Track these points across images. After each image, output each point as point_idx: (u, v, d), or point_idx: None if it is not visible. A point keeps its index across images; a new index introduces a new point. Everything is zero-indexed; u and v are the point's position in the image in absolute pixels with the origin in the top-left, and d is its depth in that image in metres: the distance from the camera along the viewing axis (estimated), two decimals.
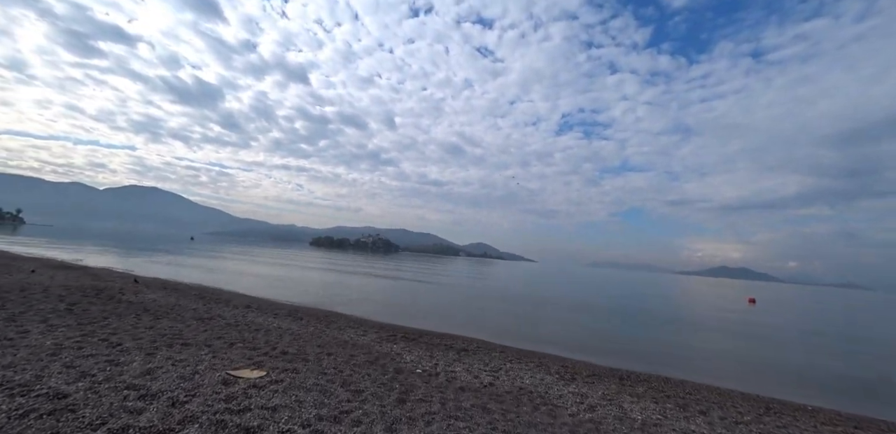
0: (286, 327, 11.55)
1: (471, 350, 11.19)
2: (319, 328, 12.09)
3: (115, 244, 58.48)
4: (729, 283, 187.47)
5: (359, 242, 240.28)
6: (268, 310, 14.51)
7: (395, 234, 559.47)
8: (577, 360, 11.73)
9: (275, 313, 13.91)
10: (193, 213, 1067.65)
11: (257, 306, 15.10)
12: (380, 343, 10.82)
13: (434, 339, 12.33)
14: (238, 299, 16.50)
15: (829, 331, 26.34)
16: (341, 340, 10.55)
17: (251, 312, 13.51)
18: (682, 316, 28.20)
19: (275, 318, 13.05)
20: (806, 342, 20.34)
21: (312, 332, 11.20)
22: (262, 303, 16.42)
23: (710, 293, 65.86)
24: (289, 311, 15.02)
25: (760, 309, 39.74)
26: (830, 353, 17.76)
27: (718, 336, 19.82)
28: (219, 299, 15.74)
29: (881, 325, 33.47)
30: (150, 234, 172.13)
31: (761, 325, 26.65)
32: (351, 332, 12.06)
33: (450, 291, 31.48)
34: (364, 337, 11.43)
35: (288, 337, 10.11)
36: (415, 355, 9.74)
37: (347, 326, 12.94)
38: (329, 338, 10.68)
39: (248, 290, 20.65)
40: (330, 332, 11.53)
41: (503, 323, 18.09)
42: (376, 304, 20.51)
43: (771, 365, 14.09)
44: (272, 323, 11.97)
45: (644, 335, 18.39)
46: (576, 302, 32.01)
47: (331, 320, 13.93)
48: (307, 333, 10.95)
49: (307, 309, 16.35)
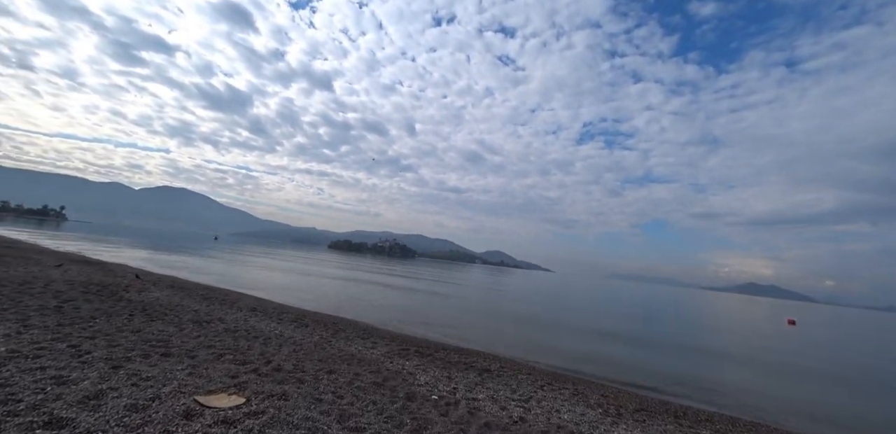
0: (288, 335, 10.43)
1: (494, 371, 9.74)
2: (325, 337, 10.92)
3: (142, 241, 59.97)
4: (760, 301, 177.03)
5: (376, 247, 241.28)
6: (273, 314, 13.50)
7: (412, 239, 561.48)
8: (616, 387, 10.08)
9: (279, 318, 12.86)
10: (219, 214, 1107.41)
11: (263, 309, 14.12)
12: (390, 358, 9.52)
13: (451, 355, 10.94)
14: (245, 301, 15.61)
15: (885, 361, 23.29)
16: (347, 354, 9.32)
17: (254, 316, 12.51)
18: (720, 337, 25.67)
19: (278, 323, 11.98)
20: (865, 376, 17.75)
21: (316, 343, 10.03)
22: (270, 306, 15.46)
23: (743, 311, 61.52)
24: (295, 316, 13.97)
25: (802, 332, 36.27)
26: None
27: (766, 362, 17.51)
28: (225, 300, 14.88)
29: None
30: (177, 233, 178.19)
31: (810, 354, 23.86)
32: (359, 343, 10.82)
33: (467, 301, 29.97)
34: (373, 350, 10.17)
35: (287, 348, 8.96)
36: (430, 376, 8.39)
37: (356, 336, 11.73)
38: (334, 350, 9.48)
39: (259, 292, 19.86)
40: (336, 343, 10.33)
41: (526, 337, 16.49)
42: (389, 311, 19.29)
43: (835, 405, 11.96)
44: (274, 329, 10.89)
45: (682, 358, 16.36)
46: (602, 317, 29.88)
47: (339, 328, 12.76)
48: (310, 344, 9.79)
49: (315, 314, 15.27)
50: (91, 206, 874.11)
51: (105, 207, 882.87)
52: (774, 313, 64.63)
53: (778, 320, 46.82)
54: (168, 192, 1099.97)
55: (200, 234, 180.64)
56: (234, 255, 48.57)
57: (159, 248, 46.30)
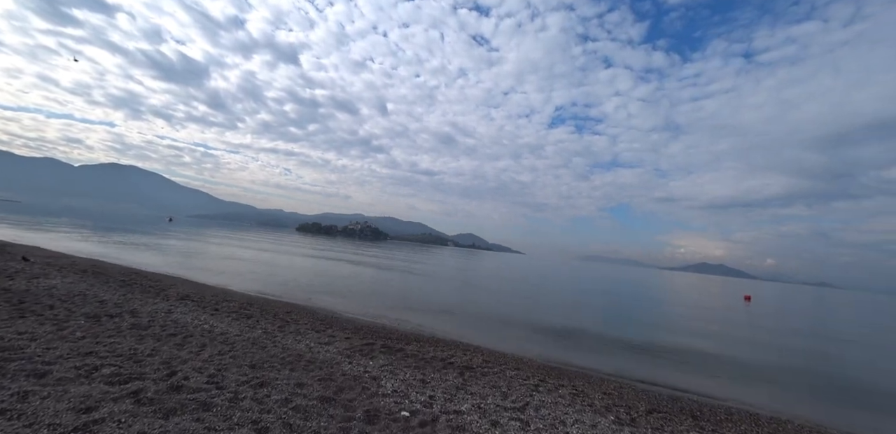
0: (220, 331, 8.27)
1: (477, 368, 8.11)
2: (269, 332, 8.84)
3: (80, 223, 53.63)
4: (713, 279, 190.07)
5: (347, 229, 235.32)
6: (210, 303, 11.17)
7: (384, 222, 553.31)
8: (615, 381, 8.79)
9: (216, 308, 10.58)
10: (176, 195, 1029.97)
11: (199, 298, 11.73)
12: (350, 357, 7.64)
13: (426, 349, 9.22)
14: (179, 287, 13.08)
15: (842, 331, 24.34)
16: (294, 354, 7.34)
17: (183, 307, 10.16)
18: (693, 315, 25.81)
19: (212, 315, 9.73)
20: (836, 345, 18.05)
21: (255, 340, 7.94)
22: (210, 292, 13.04)
23: (702, 290, 64.67)
24: (240, 304, 11.71)
25: (758, 307, 38.06)
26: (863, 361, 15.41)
27: (743, 337, 17.30)
28: (152, 287, 12.31)
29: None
30: (125, 214, 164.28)
31: (773, 326, 24.46)
32: (313, 338, 8.84)
33: (439, 284, 28.46)
34: (329, 347, 8.23)
35: (212, 349, 6.85)
36: (399, 380, 6.61)
37: (310, 329, 9.72)
38: (276, 349, 7.45)
39: (205, 277, 17.20)
40: (282, 340, 8.29)
41: (503, 321, 15.13)
42: (356, 296, 17.31)
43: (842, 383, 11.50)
44: (203, 323, 8.67)
45: (663, 338, 15.67)
46: (578, 298, 29.43)
47: (291, 319, 10.68)
48: (246, 341, 7.70)
49: (266, 302, 13.04)
50: (19, 184, 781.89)
51: (37, 185, 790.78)
52: (730, 291, 68.52)
53: (737, 297, 49.23)
54: (114, 169, 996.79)
55: (154, 215, 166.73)
56: (188, 239, 44.23)
57: (99, 231, 41.23)
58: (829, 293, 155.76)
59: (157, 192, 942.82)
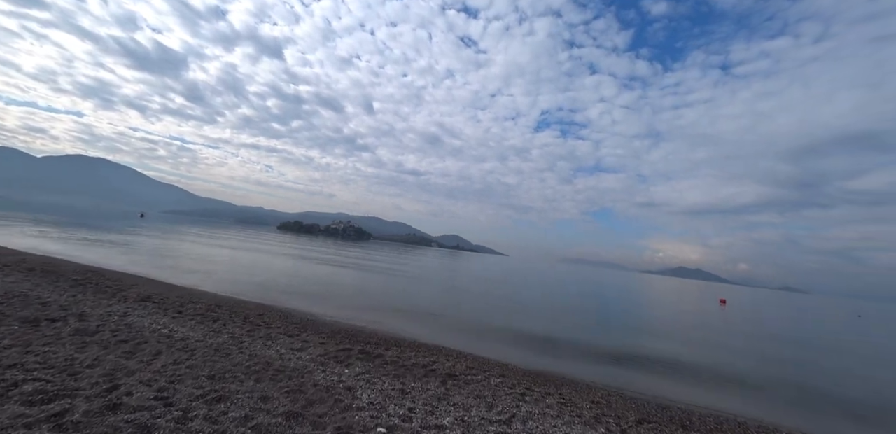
0: (180, 336, 7.54)
1: (461, 376, 7.66)
2: (237, 336, 8.15)
3: (40, 217, 50.41)
4: (690, 283, 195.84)
5: (329, 229, 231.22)
6: (173, 305, 10.33)
7: (368, 222, 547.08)
8: (601, 388, 8.50)
9: (179, 310, 9.77)
10: (149, 189, 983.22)
11: (161, 299, 10.85)
12: (324, 365, 7.06)
13: (406, 355, 8.71)
14: (142, 288, 12.13)
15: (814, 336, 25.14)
16: (262, 361, 6.71)
17: (142, 309, 9.32)
18: (672, 318, 26.15)
19: (174, 318, 8.94)
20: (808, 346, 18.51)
21: (219, 346, 7.26)
22: (176, 293, 12.13)
23: (681, 294, 66.30)
24: (207, 306, 10.89)
25: (733, 310, 39.15)
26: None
27: (720, 340, 17.50)
28: (109, 287, 11.34)
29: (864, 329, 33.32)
30: (92, 209, 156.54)
31: (748, 329, 25.04)
32: (284, 343, 8.19)
33: (423, 284, 27.93)
34: (301, 353, 7.62)
35: (168, 357, 6.16)
36: (377, 391, 6.09)
37: (282, 333, 9.05)
38: (242, 357, 6.80)
39: (172, 276, 16.13)
40: (250, 346, 7.63)
41: (486, 324, 14.75)
42: (334, 297, 16.60)
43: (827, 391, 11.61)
44: (162, 328, 7.91)
45: (646, 342, 15.64)
46: (561, 302, 29.43)
47: (263, 322, 9.98)
48: (208, 348, 7.01)
49: (238, 303, 12.23)
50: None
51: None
52: (706, 295, 70.50)
53: (712, 301, 50.59)
54: (81, 162, 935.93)
55: (124, 211, 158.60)
56: (159, 236, 42.11)
57: (62, 226, 38.73)
58: (795, 297, 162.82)
59: (128, 186, 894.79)
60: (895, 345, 25.82)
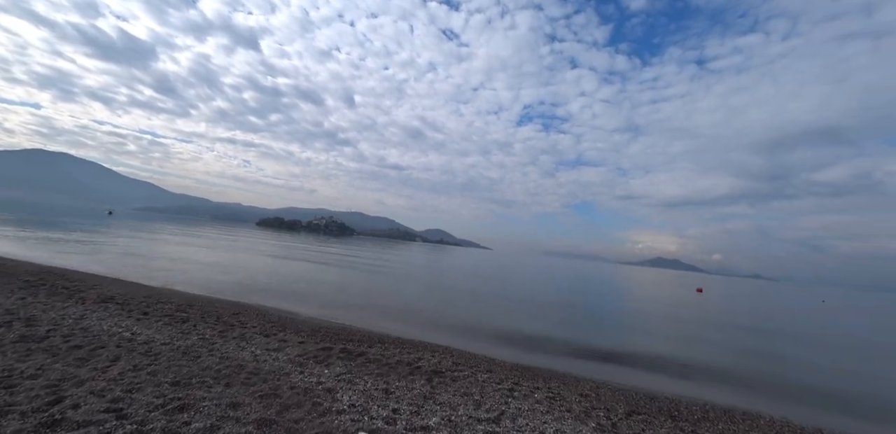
0: (144, 339, 6.97)
1: (447, 372, 7.40)
2: (207, 338, 7.62)
3: (6, 216, 47.14)
4: (667, 273, 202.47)
5: (311, 224, 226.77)
6: (139, 305, 9.64)
7: (351, 217, 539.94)
8: (593, 380, 8.42)
9: (145, 311, 9.11)
10: (118, 186, 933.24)
11: (126, 299, 10.13)
12: (302, 366, 6.65)
13: (390, 352, 8.38)
14: (104, 288, 11.31)
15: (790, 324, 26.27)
16: (234, 364, 6.25)
17: (102, 311, 8.63)
18: (652, 307, 26.76)
19: (139, 320, 8.31)
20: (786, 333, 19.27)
21: (188, 348, 6.74)
22: (143, 293, 11.37)
23: (660, 283, 68.33)
24: (177, 306, 10.24)
25: (709, 298, 40.58)
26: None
27: (698, 324, 17.97)
28: (66, 289, 10.51)
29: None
30: (56, 206, 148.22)
31: (724, 315, 25.93)
32: (259, 343, 7.72)
33: (407, 279, 27.59)
34: (278, 354, 7.18)
35: (127, 362, 5.63)
36: (358, 392, 5.75)
37: (258, 333, 8.56)
38: (212, 360, 6.32)
39: (140, 276, 15.21)
40: (222, 347, 7.13)
41: (471, 317, 14.59)
42: (315, 294, 16.07)
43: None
44: (124, 331, 7.30)
45: (627, 330, 15.87)
46: (545, 294, 29.65)
47: (237, 321, 9.44)
48: (175, 351, 6.49)
49: (212, 302, 11.57)
50: None
51: None
52: (683, 284, 72.94)
53: (689, 289, 52.31)
54: (41, 156, 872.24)
55: (90, 208, 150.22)
56: (129, 234, 40.03)
57: (20, 224, 36.25)
58: (765, 285, 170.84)
59: (95, 182, 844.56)
60: (854, 329, 27.26)
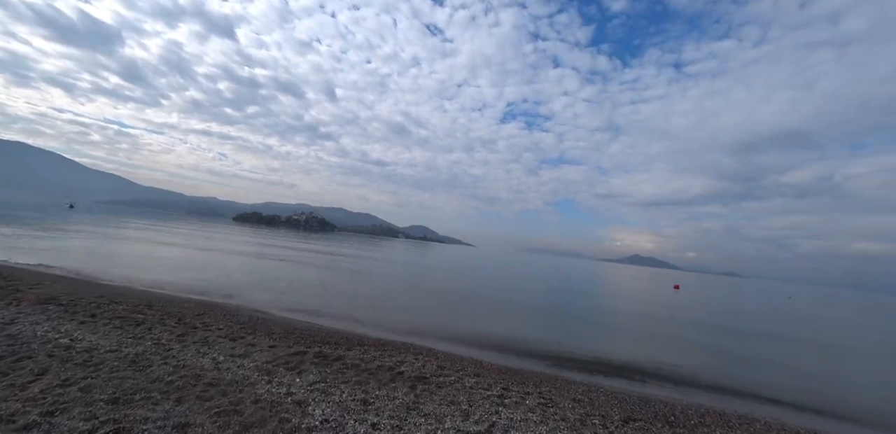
0: (87, 345, 6.09)
1: (431, 378, 6.84)
2: (164, 342, 6.79)
3: None
4: (645, 270, 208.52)
5: (291, 220, 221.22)
6: (87, 306, 8.63)
7: (332, 213, 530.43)
8: (585, 383, 8.05)
9: (93, 313, 8.13)
10: (80, 178, 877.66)
11: (72, 299, 9.08)
12: (270, 374, 5.94)
13: (371, 355, 7.75)
14: (48, 287, 10.17)
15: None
16: (191, 373, 5.48)
17: (39, 314, 7.62)
18: (631, 302, 27.05)
19: (83, 323, 7.36)
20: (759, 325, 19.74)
21: (137, 356, 5.92)
22: (95, 293, 10.28)
23: (638, 280, 69.92)
24: (133, 306, 9.27)
25: (686, 294, 41.66)
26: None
27: (677, 321, 18.14)
28: (2, 288, 9.34)
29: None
30: (8, 200, 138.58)
31: (701, 311, 26.50)
32: (224, 348, 6.94)
33: (389, 277, 26.88)
34: (244, 360, 6.43)
35: (57, 375, 4.80)
36: (333, 403, 5.11)
37: (224, 336, 7.76)
38: (165, 369, 5.53)
39: (97, 272, 13.94)
40: (179, 354, 6.33)
41: (454, 316, 14.12)
42: (291, 293, 15.20)
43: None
44: (62, 336, 6.39)
45: (608, 326, 15.78)
46: (530, 292, 29.51)
47: (201, 323, 8.58)
48: (121, 360, 5.66)
49: (172, 301, 10.59)
50: None
51: None
52: (661, 281, 74.94)
53: (667, 286, 53.65)
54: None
55: (48, 202, 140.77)
56: (90, 227, 37.48)
57: None
58: (736, 281, 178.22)
59: (54, 174, 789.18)
60: (824, 325, 28.38)
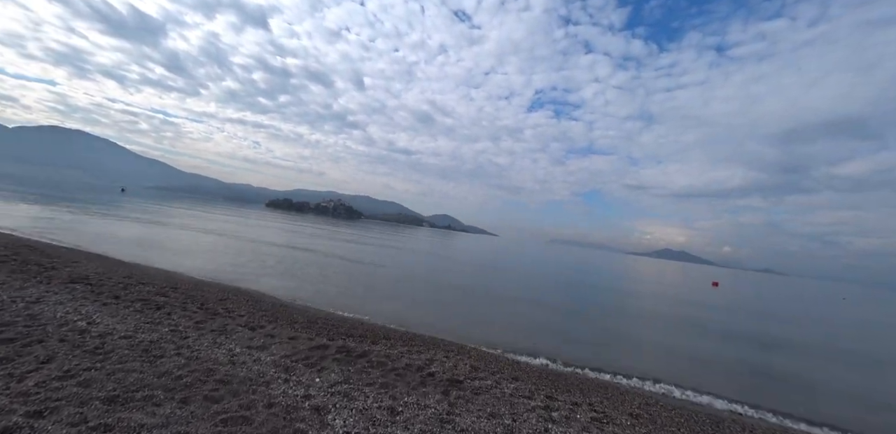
0: (102, 330, 5.74)
1: (465, 381, 6.08)
2: (181, 329, 6.39)
3: (7, 188, 47.00)
4: (676, 265, 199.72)
5: (319, 207, 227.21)
6: (114, 287, 8.47)
7: (359, 200, 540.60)
8: (640, 392, 7.08)
9: (118, 295, 7.92)
10: (131, 164, 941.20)
11: (102, 280, 8.97)
12: (288, 371, 5.37)
13: (398, 351, 7.08)
14: (83, 266, 10.20)
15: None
16: (203, 368, 4.97)
17: (66, 293, 7.45)
18: (672, 301, 25.28)
19: (105, 305, 7.11)
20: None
21: (151, 344, 5.49)
22: (124, 273, 10.24)
23: (673, 276, 66.55)
24: (158, 289, 9.08)
25: (727, 292, 38.90)
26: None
27: (724, 320, 16.53)
28: (38, 265, 9.39)
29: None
30: (70, 183, 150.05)
31: (748, 311, 24.36)
32: (242, 338, 6.47)
33: (415, 266, 26.44)
34: (261, 353, 5.90)
35: (62, 363, 4.38)
36: (356, 410, 4.44)
37: (243, 324, 7.32)
38: (176, 361, 5.05)
39: (133, 254, 14.16)
40: (194, 343, 5.88)
41: (489, 309, 13.33)
42: (318, 280, 14.92)
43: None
44: (80, 319, 6.09)
45: (657, 328, 14.51)
46: (560, 284, 28.32)
47: (223, 309, 8.23)
48: (133, 348, 5.24)
49: (197, 285, 10.41)
50: None
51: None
52: (695, 277, 71.04)
53: (705, 283, 50.55)
54: (57, 133, 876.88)
55: (103, 185, 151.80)
56: (138, 211, 39.42)
57: (29, 198, 35.76)
58: (778, 280, 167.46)
59: (108, 160, 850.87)
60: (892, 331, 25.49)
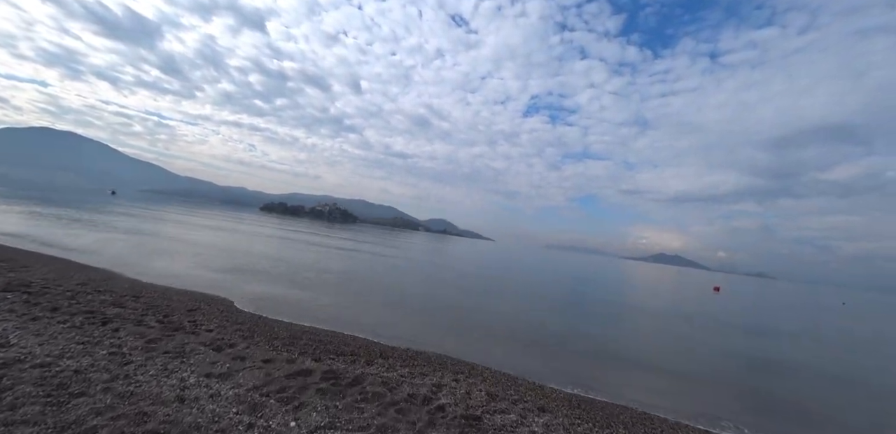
0: (14, 354, 4.41)
1: (483, 416, 4.80)
2: (125, 350, 5.05)
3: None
4: (671, 269, 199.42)
5: (314, 211, 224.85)
6: (59, 296, 7.10)
7: (354, 204, 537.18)
8: (688, 425, 5.84)
9: (56, 306, 6.55)
10: (123, 167, 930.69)
11: (44, 287, 7.60)
12: (253, 412, 4.06)
13: (396, 373, 5.79)
14: (30, 271, 8.81)
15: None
16: (134, 411, 3.66)
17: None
18: (675, 306, 24.16)
19: (34, 319, 5.76)
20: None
21: (75, 373, 4.17)
22: (80, 279, 8.85)
23: (672, 280, 65.65)
24: (116, 297, 7.73)
25: (729, 297, 37.96)
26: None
27: (729, 325, 15.40)
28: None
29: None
30: (59, 185, 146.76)
31: (754, 316, 23.29)
32: (203, 361, 5.14)
33: (412, 273, 25.10)
34: (224, 384, 4.58)
35: None
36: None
37: (207, 343, 5.98)
38: (100, 399, 3.73)
39: (106, 259, 12.67)
40: (137, 371, 4.55)
41: (491, 321, 12.05)
42: (307, 287, 13.55)
43: None
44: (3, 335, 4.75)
45: (657, 334, 13.31)
46: (561, 293, 27.13)
47: (189, 321, 6.89)
48: (46, 380, 3.91)
49: (165, 293, 9.03)
50: None
51: None
52: (693, 282, 70.22)
53: (706, 288, 49.57)
54: (48, 135, 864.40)
55: (93, 188, 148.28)
56: (125, 214, 37.58)
57: (13, 201, 33.94)
58: (772, 284, 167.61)
59: (100, 162, 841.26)
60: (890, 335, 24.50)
